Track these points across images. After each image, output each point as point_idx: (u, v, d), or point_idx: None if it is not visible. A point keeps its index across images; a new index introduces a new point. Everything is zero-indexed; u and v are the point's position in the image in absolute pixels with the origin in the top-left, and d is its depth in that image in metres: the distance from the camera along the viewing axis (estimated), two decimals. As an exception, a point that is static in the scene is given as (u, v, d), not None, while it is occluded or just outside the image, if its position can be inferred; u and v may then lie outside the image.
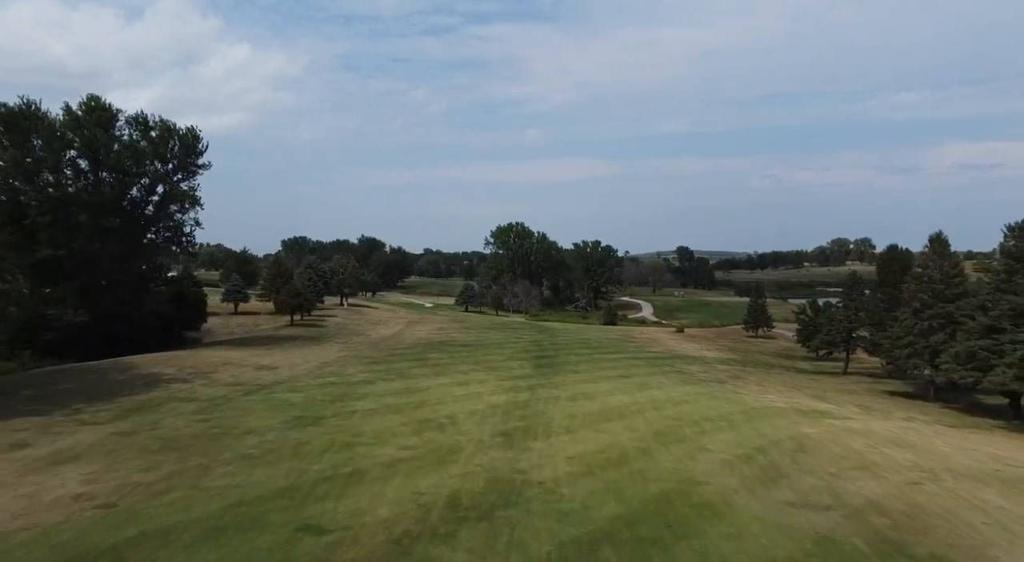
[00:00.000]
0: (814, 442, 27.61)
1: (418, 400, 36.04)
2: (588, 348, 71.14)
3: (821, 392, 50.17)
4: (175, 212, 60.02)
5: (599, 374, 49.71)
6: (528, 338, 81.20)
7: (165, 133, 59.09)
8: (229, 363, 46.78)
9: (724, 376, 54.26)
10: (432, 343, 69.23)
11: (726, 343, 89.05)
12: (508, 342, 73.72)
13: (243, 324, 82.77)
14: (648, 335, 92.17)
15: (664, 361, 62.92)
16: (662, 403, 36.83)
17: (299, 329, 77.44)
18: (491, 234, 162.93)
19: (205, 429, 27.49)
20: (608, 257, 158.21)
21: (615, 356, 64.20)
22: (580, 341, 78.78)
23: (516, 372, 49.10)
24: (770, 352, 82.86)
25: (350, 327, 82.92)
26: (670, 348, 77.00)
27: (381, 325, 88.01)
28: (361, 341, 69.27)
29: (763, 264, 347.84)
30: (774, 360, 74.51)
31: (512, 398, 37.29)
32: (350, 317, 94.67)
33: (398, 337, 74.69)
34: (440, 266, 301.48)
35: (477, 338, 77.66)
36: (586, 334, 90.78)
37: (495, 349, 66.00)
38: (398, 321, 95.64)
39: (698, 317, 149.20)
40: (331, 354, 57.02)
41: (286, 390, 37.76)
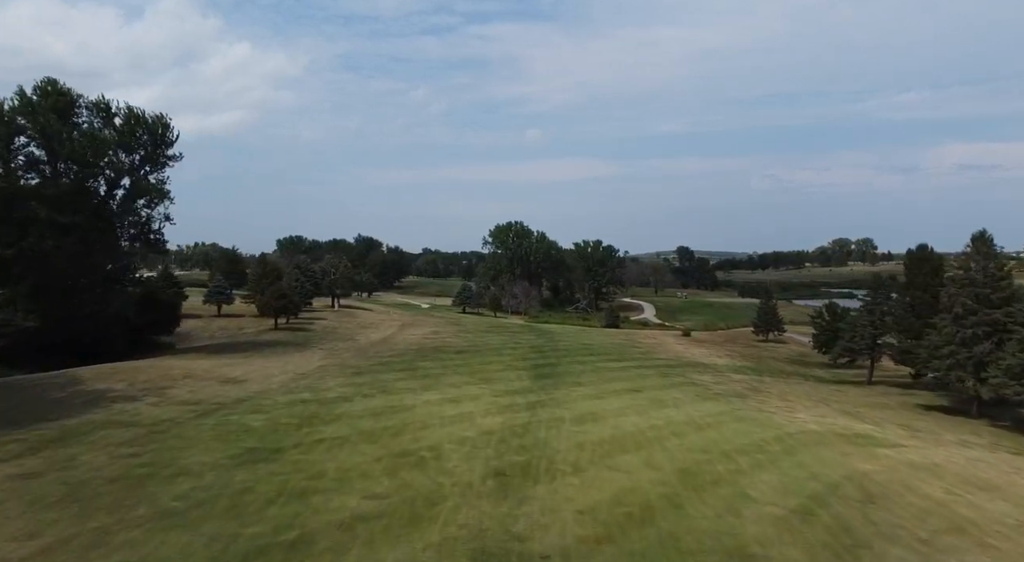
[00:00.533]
0: (880, 486, 22.31)
1: (399, 423, 30.72)
2: (591, 355, 65.84)
3: (851, 407, 44.88)
4: (142, 207, 54.63)
5: (606, 387, 44.39)
6: (527, 343, 75.91)
7: (130, 121, 53.73)
8: (192, 375, 41.40)
9: (742, 388, 48.96)
10: (424, 349, 63.93)
11: (736, 348, 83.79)
12: (506, 347, 68.43)
13: (225, 328, 77.43)
14: (654, 339, 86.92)
15: (674, 370, 57.64)
16: (682, 427, 31.52)
17: (283, 334, 72.09)
18: (489, 233, 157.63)
19: (129, 468, 22.17)
20: (609, 257, 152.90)
21: (621, 364, 58.91)
22: (582, 346, 73.47)
23: (514, 385, 43.79)
24: (784, 358, 77.59)
25: (338, 331, 77.58)
26: (678, 354, 71.69)
27: (371, 329, 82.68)
28: (347, 347, 63.92)
29: (764, 264, 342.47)
30: (790, 367, 69.21)
31: (509, 420, 31.98)
32: (340, 320, 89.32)
33: (388, 342, 69.36)
34: (438, 266, 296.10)
35: (473, 343, 72.37)
36: (588, 338, 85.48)
37: (492, 356, 60.71)
38: (390, 324, 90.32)
39: (701, 319, 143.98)
40: (311, 363, 51.69)
41: (248, 410, 32.42)
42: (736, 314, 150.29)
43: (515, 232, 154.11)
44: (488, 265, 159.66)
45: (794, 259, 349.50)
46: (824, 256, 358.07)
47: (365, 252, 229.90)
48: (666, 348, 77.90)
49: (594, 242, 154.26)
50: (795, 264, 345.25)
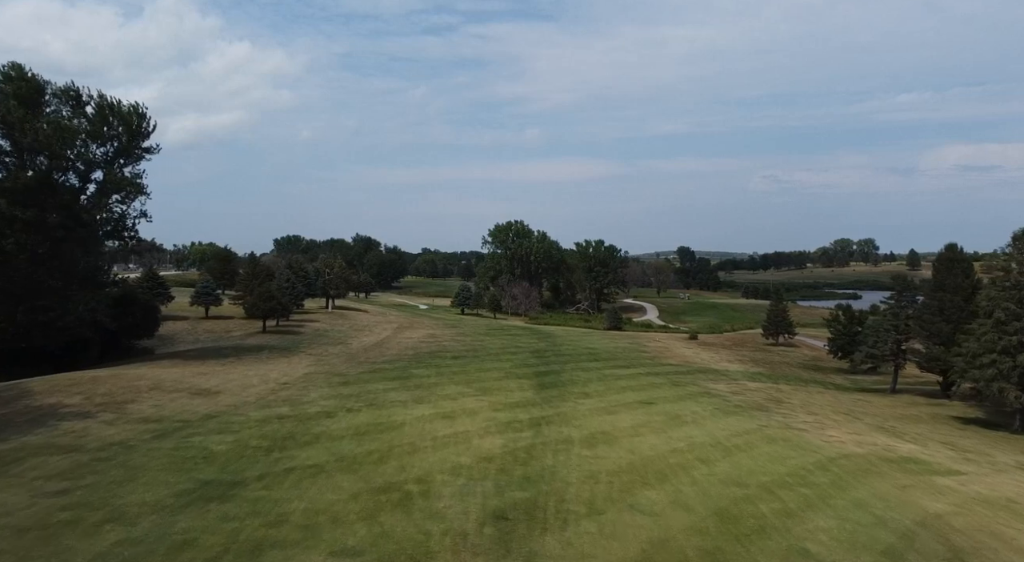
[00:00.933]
0: (963, 536, 18.33)
1: (385, 446, 26.73)
2: (596, 360, 61.86)
3: (883, 421, 40.89)
4: (116, 203, 50.62)
5: (616, 399, 40.39)
6: (528, 347, 71.94)
7: (103, 110, 49.70)
8: (160, 387, 37.39)
9: (762, 399, 44.97)
10: (419, 354, 59.94)
11: (746, 352, 79.80)
12: (506, 352, 64.45)
13: (212, 331, 73.45)
14: (660, 343, 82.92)
15: (686, 377, 53.67)
16: (708, 450, 27.53)
17: (271, 337, 68.09)
18: (489, 233, 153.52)
19: (50, 513, 18.15)
20: (611, 257, 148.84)
21: (629, 371, 54.92)
22: (586, 351, 69.49)
23: (515, 396, 39.79)
24: (798, 363, 73.60)
25: (330, 334, 73.58)
26: (688, 360, 67.69)
27: (365, 332, 78.69)
28: (338, 352, 59.92)
29: (765, 265, 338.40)
30: (806, 374, 65.21)
31: (510, 442, 27.98)
32: (333, 322, 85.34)
33: (382, 347, 65.36)
34: (437, 266, 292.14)
35: (471, 347, 68.40)
36: (592, 341, 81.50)
37: (491, 362, 56.74)
38: (386, 326, 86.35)
39: (706, 320, 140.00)
40: (297, 370, 47.69)
41: (214, 430, 28.41)
42: (741, 316, 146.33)
43: (515, 231, 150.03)
44: (487, 265, 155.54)
45: (796, 260, 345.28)
46: (826, 257, 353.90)
47: (363, 252, 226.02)
48: (674, 352, 73.90)
49: (596, 242, 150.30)
50: (797, 264, 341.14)
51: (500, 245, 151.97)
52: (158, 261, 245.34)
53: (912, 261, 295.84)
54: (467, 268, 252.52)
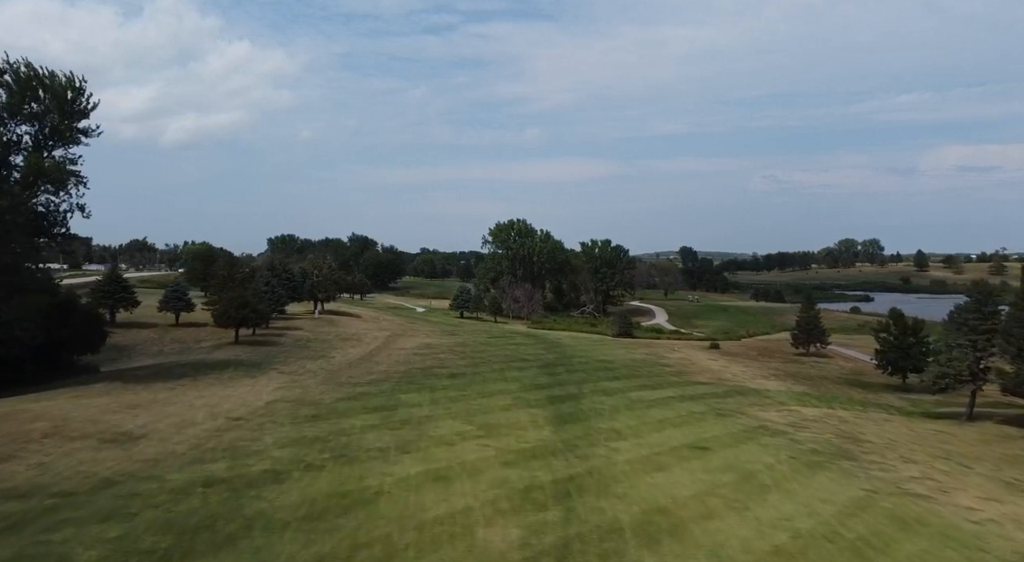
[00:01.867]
0: None
1: (346, 545, 17.64)
2: (616, 378, 52.80)
3: (998, 468, 31.79)
4: (43, 193, 41.43)
5: (657, 440, 31.32)
6: (535, 358, 62.88)
7: (29, 81, 40.51)
8: (62, 431, 28.18)
9: (832, 434, 35.89)
10: (412, 371, 50.85)
11: (777, 364, 70.81)
12: (511, 367, 55.39)
13: (180, 340, 64.32)
14: (680, 354, 73.83)
15: (726, 402, 44.63)
16: (825, 547, 18.43)
17: (243, 350, 58.93)
18: (489, 232, 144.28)
19: None
20: (618, 258, 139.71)
21: (658, 394, 45.87)
22: (601, 364, 60.43)
23: (529, 438, 30.72)
24: (839, 378, 64.60)
25: (312, 345, 64.42)
26: (718, 376, 58.61)
27: (353, 341, 69.50)
28: (317, 369, 50.79)
29: (769, 266, 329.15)
30: (856, 393, 56.19)
31: (532, 534, 18.87)
32: (318, 330, 76.18)
33: (369, 361, 56.23)
34: (436, 266, 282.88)
35: (472, 359, 59.32)
36: (604, 351, 72.42)
37: (494, 381, 47.66)
38: (377, 334, 77.22)
39: (719, 325, 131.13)
40: (260, 397, 38.57)
41: (102, 511, 19.25)
42: (754, 320, 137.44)
43: (517, 230, 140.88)
44: (488, 266, 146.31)
45: (800, 260, 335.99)
46: (831, 257, 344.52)
47: (359, 252, 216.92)
48: (699, 365, 64.80)
49: (602, 242, 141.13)
50: (801, 265, 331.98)
51: (501, 245, 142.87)
52: (147, 261, 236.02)
53: (919, 262, 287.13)
54: (466, 268, 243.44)
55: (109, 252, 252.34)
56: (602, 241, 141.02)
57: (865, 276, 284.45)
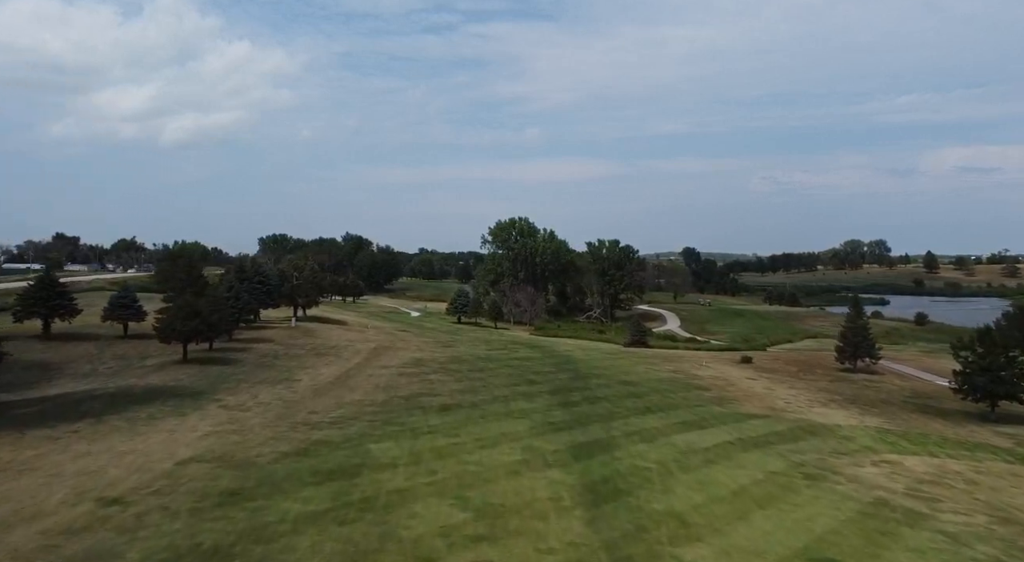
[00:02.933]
0: None
1: None
2: (649, 409, 41.70)
3: None
4: None
5: (750, 542, 20.17)
6: (545, 378, 51.81)
7: None
8: None
9: (981, 515, 24.77)
10: (392, 402, 39.68)
11: (827, 385, 59.63)
12: (517, 395, 44.26)
13: (122, 357, 53.06)
14: (713, 371, 62.60)
15: (801, 448, 33.57)
16: None
17: (189, 371, 47.63)
18: (490, 231, 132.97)
19: None
20: (627, 259, 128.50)
21: (712, 438, 34.76)
22: (626, 389, 49.33)
23: (551, 538, 19.58)
24: (905, 403, 53.36)
25: (278, 363, 53.20)
26: (769, 403, 47.44)
27: (329, 357, 58.23)
28: (272, 399, 39.57)
29: (774, 267, 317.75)
30: (941, 426, 44.96)
31: None
32: (292, 341, 64.93)
33: (342, 386, 45.01)
34: (434, 266, 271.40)
35: (468, 383, 48.20)
36: (623, 368, 61.27)
37: (496, 420, 36.51)
38: (360, 347, 65.98)
39: (736, 331, 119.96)
40: (173, 452, 27.39)
41: None
42: (773, 326, 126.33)
43: (519, 229, 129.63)
44: (487, 267, 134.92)
45: (806, 261, 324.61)
46: (837, 258, 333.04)
47: (353, 251, 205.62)
48: (739, 387, 53.64)
49: (610, 242, 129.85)
50: (807, 266, 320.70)
51: (502, 245, 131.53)
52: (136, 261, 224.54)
53: (929, 264, 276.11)
54: (465, 269, 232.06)
55: (95, 252, 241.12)
56: (610, 241, 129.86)
57: (874, 278, 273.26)
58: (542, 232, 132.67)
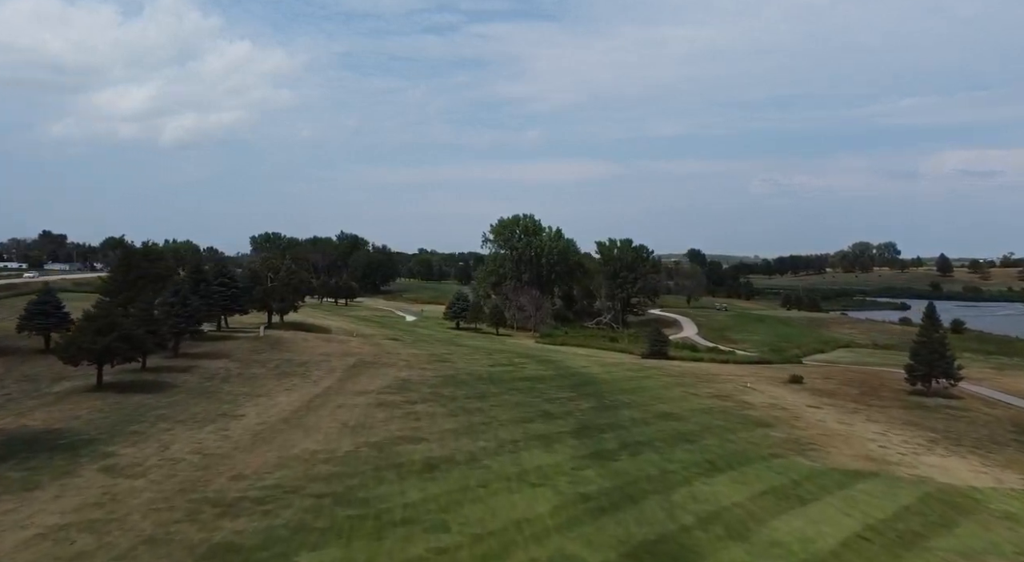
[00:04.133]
0: None
1: None
2: (713, 465, 29.84)
3: None
4: None
5: None
6: (563, 410, 40.01)
7: None
8: None
9: None
10: (354, 458, 27.85)
11: (907, 414, 47.75)
12: (531, 439, 32.45)
13: (32, 378, 41.40)
14: (763, 396, 50.66)
15: (960, 541, 21.78)
16: None
17: (97, 402, 35.68)
18: (491, 229, 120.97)
19: None
20: (641, 260, 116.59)
21: (812, 511, 22.99)
22: (667, 424, 37.55)
23: None
24: (1019, 441, 41.52)
25: (224, 388, 41.25)
26: (865, 452, 35.49)
27: (294, 378, 46.27)
28: (188, 451, 27.67)
29: (781, 269, 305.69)
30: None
31: None
32: (254, 356, 53.00)
33: (292, 429, 33.08)
34: (433, 267, 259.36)
35: (466, 420, 36.37)
36: (655, 391, 49.41)
37: (504, 489, 24.73)
38: (336, 362, 54.05)
39: (760, 339, 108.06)
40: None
41: None
42: (799, 333, 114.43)
43: (523, 227, 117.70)
44: (488, 268, 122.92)
45: (814, 263, 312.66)
46: (846, 260, 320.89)
47: (348, 251, 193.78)
48: (811, 423, 41.69)
49: (622, 241, 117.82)
50: (815, 268, 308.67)
51: (504, 243, 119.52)
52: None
53: (943, 266, 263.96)
54: (465, 270, 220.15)
55: (82, 250, 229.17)
56: (622, 240, 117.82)
57: (886, 281, 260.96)
58: (547, 230, 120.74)
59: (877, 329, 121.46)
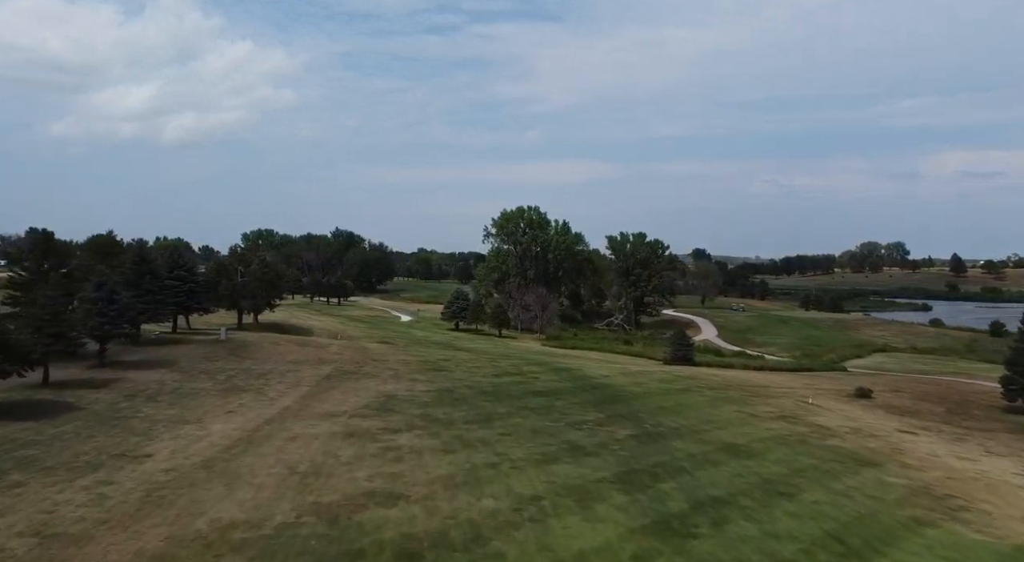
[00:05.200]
0: None
1: None
2: (839, 539, 19.28)
3: None
4: None
5: None
6: (596, 441, 29.55)
7: None
8: None
9: None
10: (284, 542, 17.33)
11: (1017, 441, 37.32)
12: (558, 494, 21.97)
13: None
14: (840, 418, 40.18)
15: None
16: None
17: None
18: (493, 223, 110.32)
19: None
20: (656, 257, 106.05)
21: None
22: (741, 464, 27.07)
23: None
24: None
25: (141, 412, 30.72)
26: (1003, 510, 24.97)
27: (245, 394, 35.65)
28: (25, 528, 17.21)
29: (788, 269, 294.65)
30: None
31: None
32: (203, 365, 42.40)
33: (211, 481, 22.70)
34: (432, 266, 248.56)
35: (464, 459, 26.05)
36: (701, 411, 38.85)
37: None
38: (308, 371, 43.50)
39: (787, 343, 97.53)
40: None
41: None
42: (828, 336, 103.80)
43: (528, 220, 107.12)
44: (490, 264, 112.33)
45: (822, 263, 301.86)
46: (855, 260, 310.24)
47: (343, 248, 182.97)
48: (920, 458, 31.12)
49: (635, 236, 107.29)
50: (823, 269, 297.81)
51: (507, 238, 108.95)
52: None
53: (956, 267, 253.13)
54: (465, 269, 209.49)
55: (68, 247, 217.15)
56: (635, 234, 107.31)
57: (898, 281, 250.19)
58: (554, 224, 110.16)
59: (910, 331, 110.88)
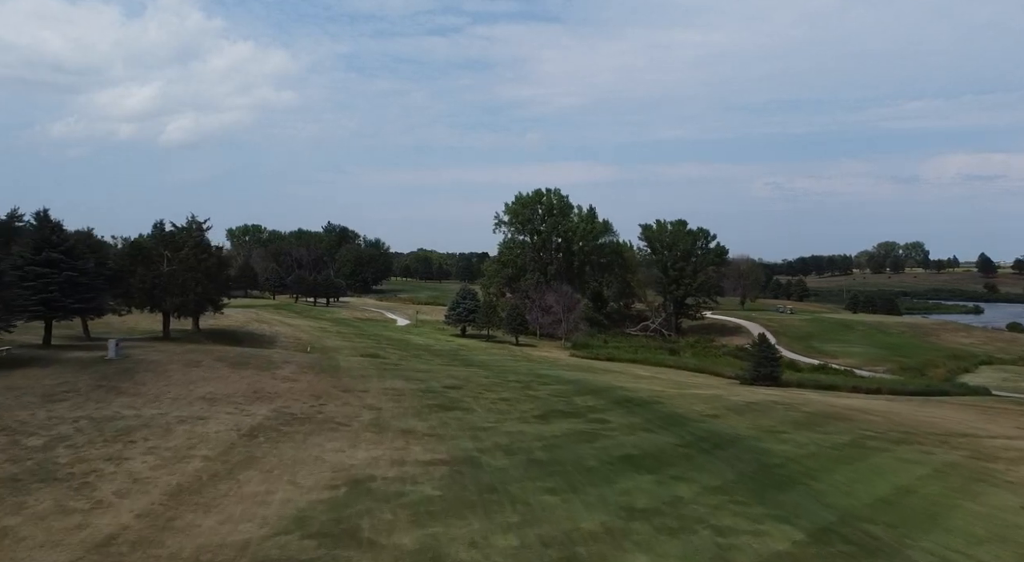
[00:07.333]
0: None
1: None
2: None
3: None
4: None
5: None
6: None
7: None
8: None
9: None
10: None
11: None
12: None
13: None
14: None
15: None
16: None
17: None
18: (506, 208, 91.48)
19: None
20: (702, 250, 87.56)
21: None
22: None
23: None
24: None
25: None
26: None
27: (127, 464, 17.02)
28: None
29: (805, 269, 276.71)
30: None
31: None
32: (30, 410, 23.52)
33: None
34: (432, 265, 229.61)
35: None
36: (888, 478, 19.96)
37: None
38: (204, 432, 24.46)
39: (864, 352, 78.97)
40: None
41: None
42: (910, 344, 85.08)
43: (547, 205, 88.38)
44: (503, 258, 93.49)
45: (839, 264, 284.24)
46: (873, 261, 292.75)
47: (336, 245, 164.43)
48: None
49: (674, 224, 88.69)
50: (841, 269, 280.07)
51: (523, 227, 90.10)
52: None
53: (985, 267, 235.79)
54: (467, 268, 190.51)
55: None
56: (674, 222, 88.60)
57: (924, 282, 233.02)
58: (577, 210, 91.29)
59: (998, 338, 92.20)
